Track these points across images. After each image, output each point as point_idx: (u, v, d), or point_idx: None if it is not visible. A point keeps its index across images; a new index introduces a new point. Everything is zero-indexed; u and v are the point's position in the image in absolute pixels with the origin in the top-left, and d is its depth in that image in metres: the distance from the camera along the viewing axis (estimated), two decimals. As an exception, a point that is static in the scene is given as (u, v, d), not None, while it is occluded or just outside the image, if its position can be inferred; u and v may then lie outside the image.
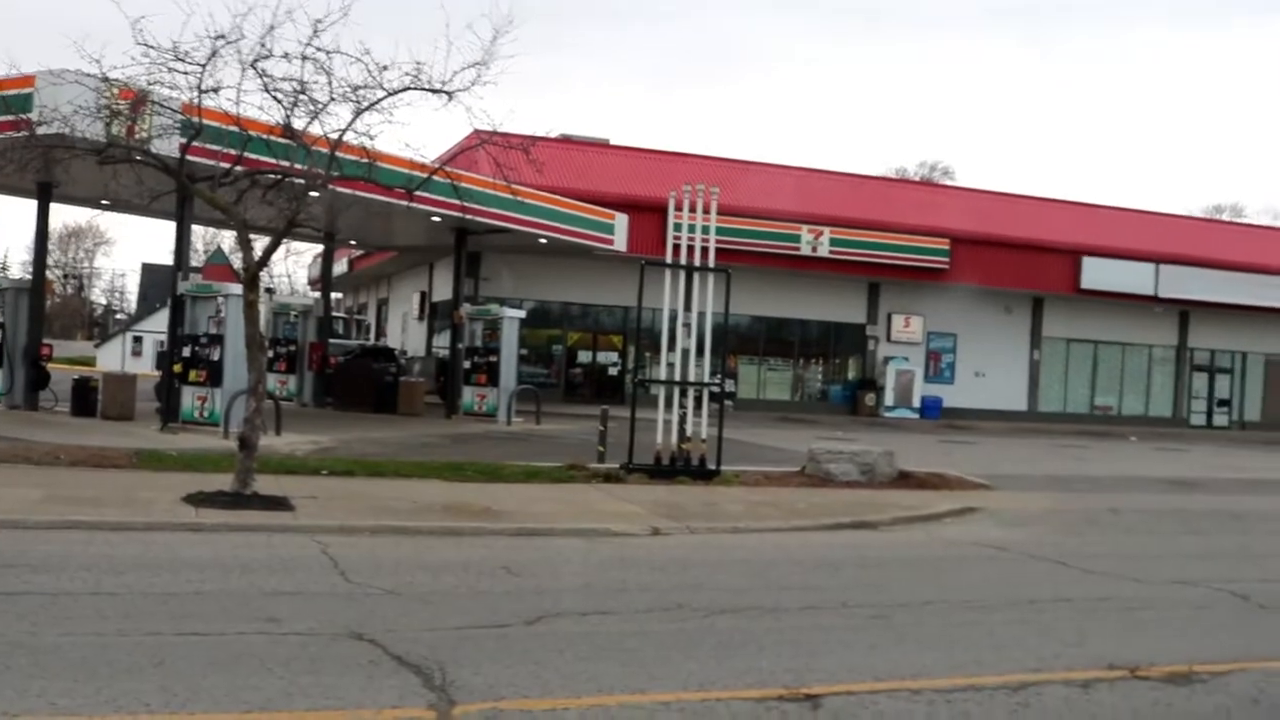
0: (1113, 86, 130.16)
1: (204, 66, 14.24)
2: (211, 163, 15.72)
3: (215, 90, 14.68)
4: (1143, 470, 26.96)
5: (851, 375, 45.90)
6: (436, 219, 28.26)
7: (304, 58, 14.13)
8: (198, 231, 50.99)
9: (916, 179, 73.08)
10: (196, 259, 41.11)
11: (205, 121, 14.83)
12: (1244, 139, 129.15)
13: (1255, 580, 12.27)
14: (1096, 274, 45.61)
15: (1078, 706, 7.01)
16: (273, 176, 15.43)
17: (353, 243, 42.90)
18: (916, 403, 44.46)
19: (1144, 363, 50.21)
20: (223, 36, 14.05)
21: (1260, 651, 8.78)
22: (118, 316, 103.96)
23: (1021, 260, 44.58)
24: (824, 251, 41.71)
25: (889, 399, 44.37)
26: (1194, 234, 51.57)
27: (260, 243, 17.24)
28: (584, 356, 42.94)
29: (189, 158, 15.44)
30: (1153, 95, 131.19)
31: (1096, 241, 46.19)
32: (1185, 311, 49.24)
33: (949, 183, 70.32)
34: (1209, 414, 51.22)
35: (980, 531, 15.47)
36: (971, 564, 13.04)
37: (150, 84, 15.07)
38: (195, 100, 14.60)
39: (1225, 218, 72.55)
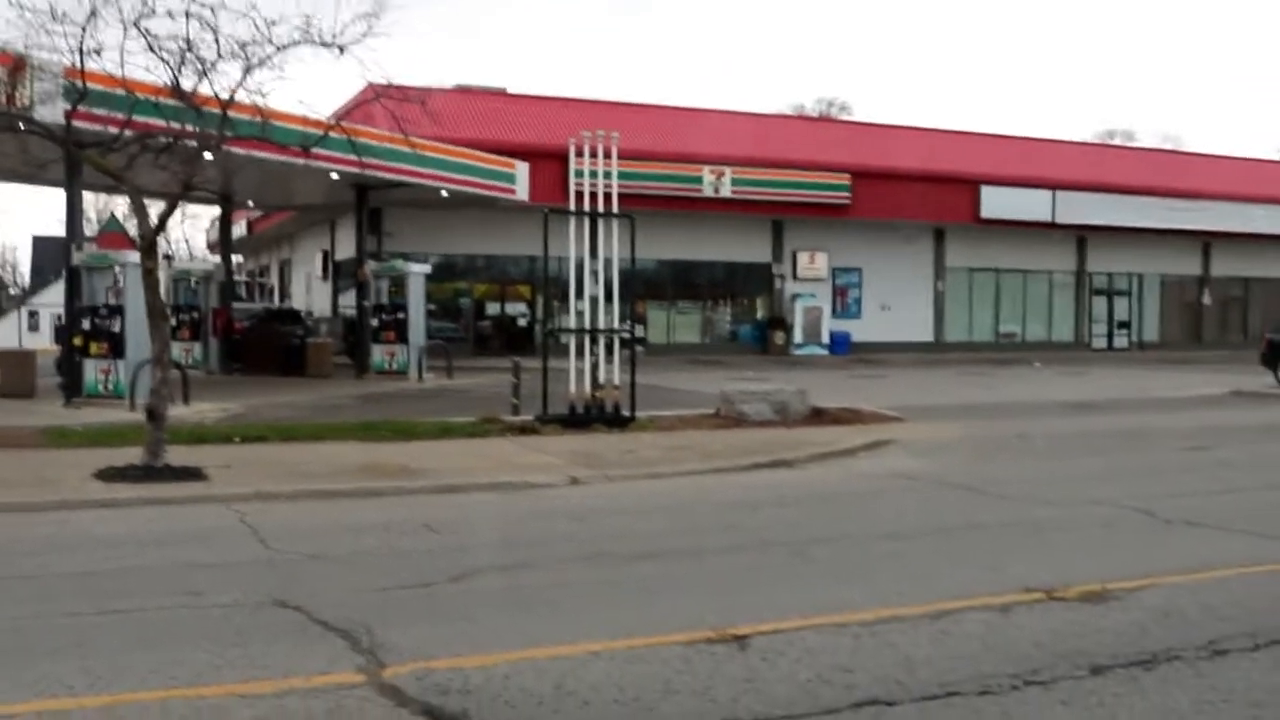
0: (1003, 14, 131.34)
1: (84, 27, 13.84)
2: (99, 128, 15.33)
3: (98, 52, 14.28)
4: (1048, 395, 27.49)
5: (760, 314, 46.21)
6: (335, 176, 27.86)
7: (188, 15, 13.76)
8: (89, 199, 49.87)
9: (815, 116, 73.31)
10: (89, 228, 40.19)
11: (89, 85, 14.44)
12: (1134, 64, 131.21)
13: (1159, 496, 12.57)
14: (995, 203, 46.27)
15: (998, 630, 7.15)
16: (164, 140, 15.07)
17: (251, 204, 42.21)
18: (825, 339, 44.88)
19: (1045, 289, 51.12)
20: (102, -6, 13.66)
21: (1168, 566, 9.01)
22: (10, 292, 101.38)
23: (922, 192, 45.05)
24: (726, 192, 41.82)
25: (798, 336, 44.75)
26: (1089, 159, 52.46)
27: (155, 208, 16.91)
28: (493, 309, 42.76)
29: (75, 123, 15.05)
30: (1043, 21, 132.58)
31: (994, 171, 46.85)
32: (1083, 236, 50.17)
33: (847, 118, 70.62)
34: (1109, 336, 52.33)
35: (894, 463, 15.70)
36: (888, 496, 13.23)
37: (28, 48, 14.63)
38: (77, 63, 14.21)
39: (1118, 142, 73.66)
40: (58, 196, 24.38)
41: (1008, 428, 19.91)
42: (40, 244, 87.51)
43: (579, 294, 19.18)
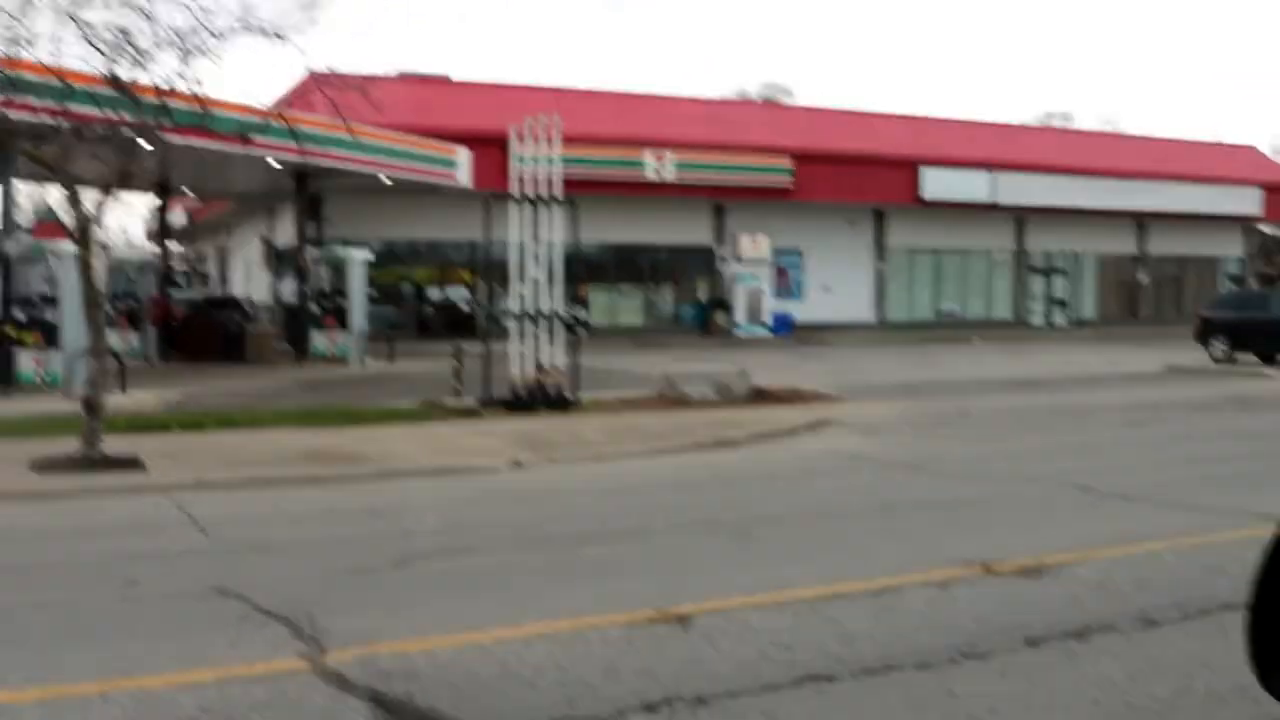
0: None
1: (16, 17, 13.64)
2: (33, 118, 15.09)
3: (31, 41, 14.08)
4: (988, 373, 27.77)
5: (702, 296, 46.28)
6: (275, 164, 27.60)
7: (124, 3, 13.61)
8: (23, 188, 49.07)
9: (757, 99, 73.42)
10: (24, 217, 39.58)
11: (22, 74, 14.22)
12: (1072, 47, 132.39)
13: (1096, 471, 12.76)
14: (935, 184, 46.60)
15: (937, 604, 7.25)
16: (100, 130, 14.88)
17: (189, 192, 41.73)
18: (767, 320, 45.05)
19: (984, 268, 51.57)
20: (36, -16, 13.47)
21: (1101, 539, 9.16)
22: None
23: (863, 174, 45.25)
24: (669, 175, 41.83)
25: (740, 318, 44.88)
26: (1028, 141, 52.96)
27: (91, 198, 16.69)
28: (435, 294, 42.60)
29: (8, 113, 14.82)
30: (983, 4, 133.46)
31: (934, 152, 47.16)
32: (1021, 216, 50.60)
33: (789, 102, 70.77)
34: (1048, 314, 52.86)
35: (836, 442, 15.82)
36: (829, 475, 13.33)
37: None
38: (9, 53, 13.98)
39: (1057, 124, 74.32)
40: (-10, 186, 23.98)
41: (948, 406, 20.10)
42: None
43: (521, 278, 19.15)
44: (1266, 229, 60.50)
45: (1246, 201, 54.20)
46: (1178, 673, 5.95)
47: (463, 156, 34.02)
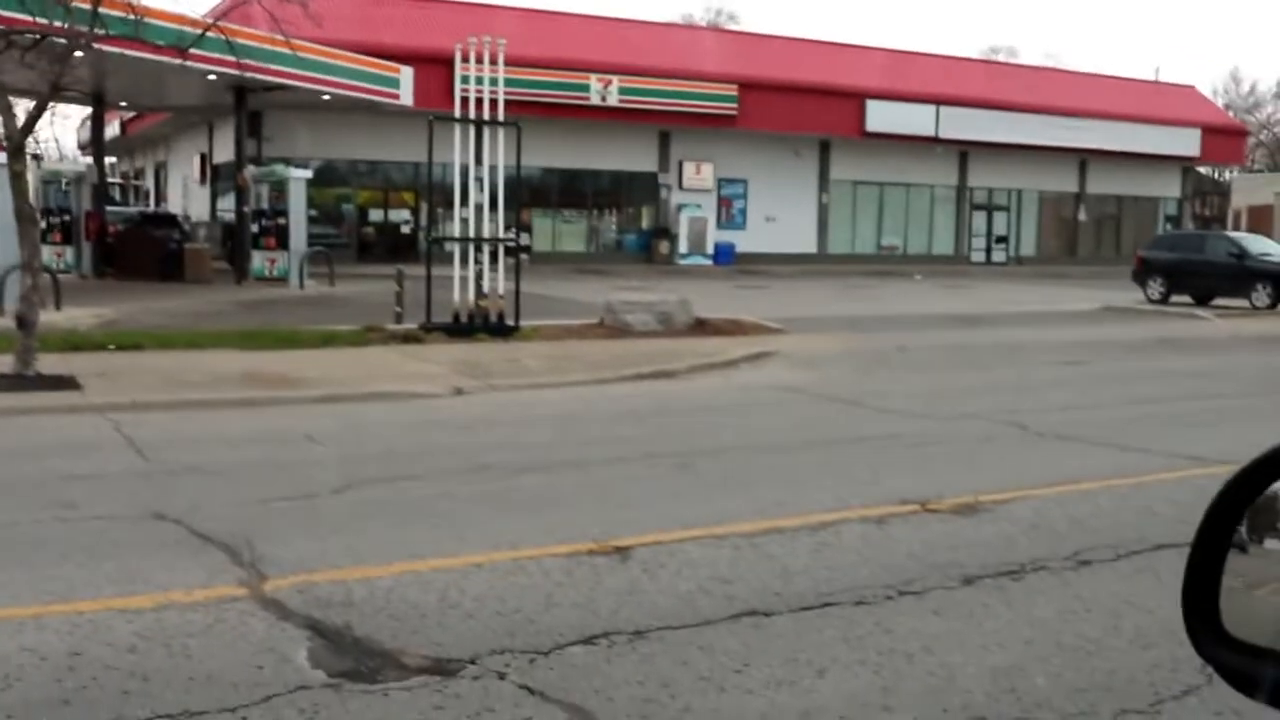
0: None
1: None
2: (-39, 23, 14.71)
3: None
4: (928, 308, 27.99)
5: (645, 224, 46.25)
6: (213, 78, 27.10)
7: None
8: (-48, 95, 47.90)
9: (704, 25, 72.88)
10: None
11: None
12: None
13: (1033, 410, 12.91)
14: (880, 117, 46.65)
15: (874, 542, 7.32)
16: (31, 36, 14.51)
17: (124, 105, 40.93)
18: (710, 249, 45.09)
19: (927, 203, 51.82)
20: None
21: (1037, 478, 9.27)
22: None
23: (808, 104, 45.18)
24: (614, 100, 41.57)
25: (683, 246, 44.88)
26: (972, 76, 53.00)
27: (22, 108, 16.31)
28: (376, 215, 42.21)
29: (-64, 18, 14.42)
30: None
31: (880, 85, 47.13)
32: (965, 152, 50.84)
33: (736, 28, 70.33)
34: (988, 251, 53.31)
35: (777, 375, 15.89)
36: (770, 408, 13.40)
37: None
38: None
39: (1001, 59, 74.47)
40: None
41: (888, 340, 20.23)
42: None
43: (464, 201, 18.99)
44: (1203, 170, 61.18)
45: (1185, 142, 54.76)
46: (1108, 612, 6.06)
47: (405, 75, 33.57)
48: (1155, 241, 35.87)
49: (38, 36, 14.41)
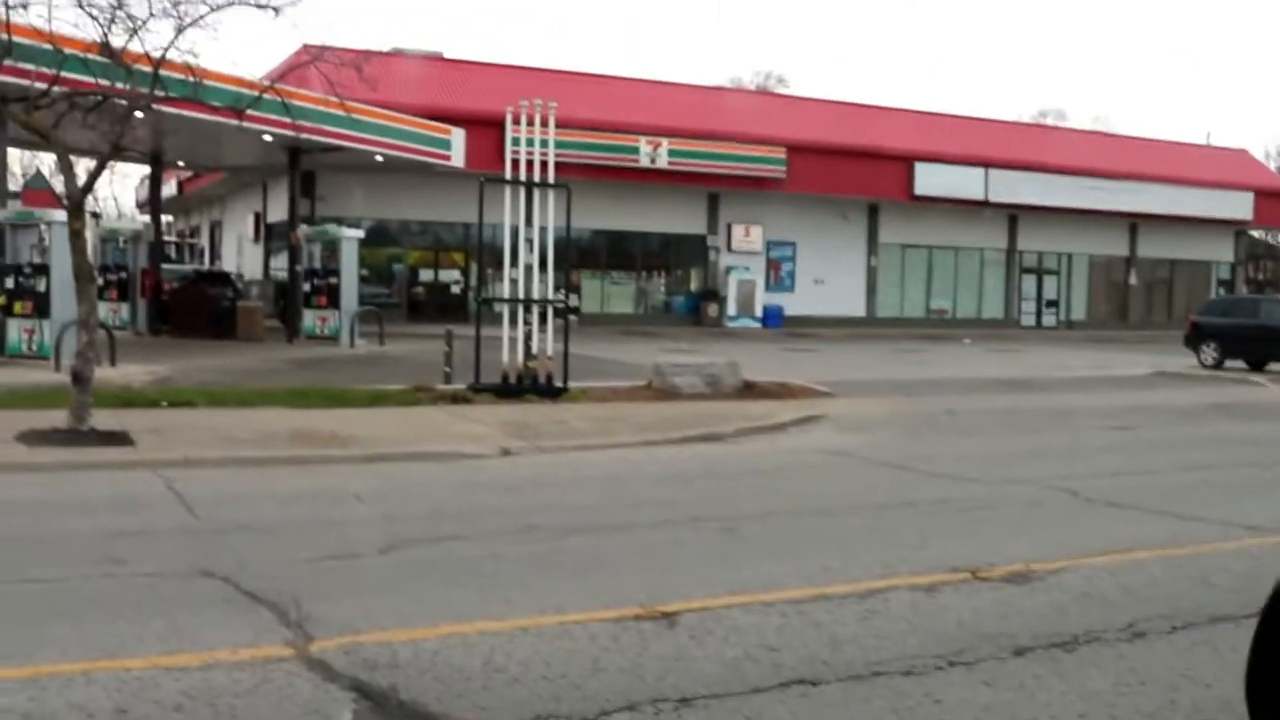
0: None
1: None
2: (26, 83, 15.01)
3: (24, 6, 14.02)
4: (977, 372, 27.80)
5: (694, 286, 46.34)
6: (268, 138, 27.53)
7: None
8: (14, 154, 48.73)
9: (753, 89, 73.36)
10: (14, 183, 39.32)
11: (15, 39, 14.14)
12: (1067, 45, 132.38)
13: (1083, 476, 12.77)
14: (929, 180, 46.63)
15: (923, 610, 7.23)
16: (93, 98, 14.80)
17: (182, 164, 41.59)
18: (759, 312, 45.08)
19: (976, 266, 51.64)
20: (31, -50, 13.40)
21: (1089, 546, 9.15)
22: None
23: (857, 167, 45.27)
24: (663, 163, 41.79)
25: (731, 309, 44.90)
26: (1021, 139, 52.98)
27: (83, 167, 16.60)
28: (426, 275, 42.54)
29: (0, 78, 14.74)
30: (979, 1, 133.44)
31: (929, 148, 47.16)
32: (1014, 215, 50.69)
33: (785, 92, 70.70)
34: (1038, 314, 53.01)
35: (824, 439, 15.81)
36: (817, 471, 13.33)
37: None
38: (3, 16, 13.90)
39: (1050, 122, 74.42)
40: (-19, 152, 23.87)
41: (937, 404, 20.11)
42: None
43: (514, 262, 19.11)
44: (1256, 234, 60.70)
45: (1238, 206, 54.37)
46: (1164, 686, 5.94)
47: (457, 137, 33.96)
48: (1208, 306, 35.54)
49: (100, 98, 14.69)
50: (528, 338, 18.89)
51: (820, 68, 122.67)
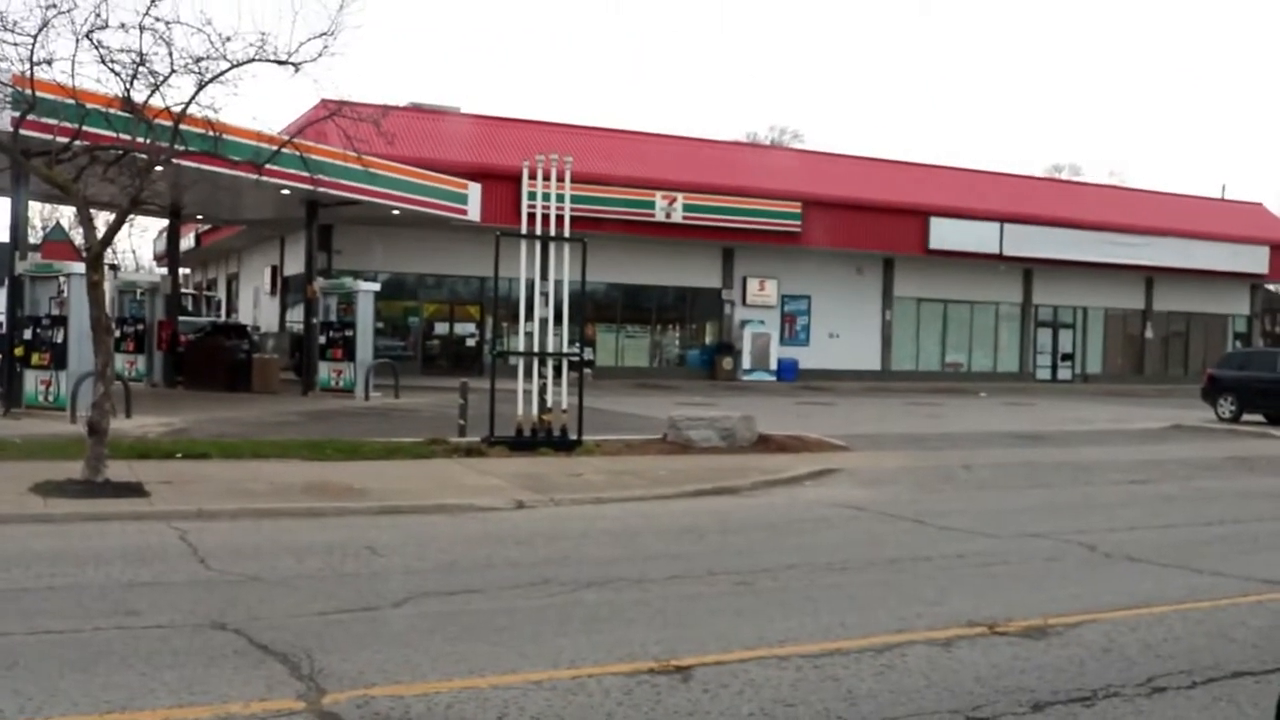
0: (955, 48, 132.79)
1: (35, 37, 13.72)
2: (48, 137, 15.14)
3: (48, 62, 14.16)
4: (993, 425, 27.71)
5: (709, 339, 46.34)
6: (286, 192, 27.71)
7: (142, 28, 13.70)
8: (34, 207, 49.19)
9: (767, 143, 73.72)
10: (34, 235, 39.65)
11: (39, 94, 14.29)
12: (1081, 100, 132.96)
13: (1101, 530, 12.71)
14: (944, 234, 46.69)
15: (940, 665, 7.17)
16: (114, 152, 14.93)
17: (200, 217, 41.86)
18: (773, 365, 45.05)
19: (991, 320, 51.59)
20: (54, 5, 13.57)
21: (1108, 601, 9.09)
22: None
23: (872, 222, 45.40)
24: (678, 217, 41.93)
25: (746, 362, 44.89)
26: (1036, 193, 53.04)
27: (102, 220, 16.72)
28: (441, 328, 42.63)
29: (23, 132, 14.87)
30: (993, 56, 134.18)
31: (943, 202, 47.27)
32: (1029, 269, 50.71)
33: (800, 146, 71.06)
34: (1053, 368, 52.88)
35: (840, 493, 15.75)
36: (832, 526, 13.26)
37: (-24, 56, 14.45)
38: (26, 72, 14.06)
39: (1065, 177, 74.61)
40: (2, 202, 24.09)
41: (953, 458, 20.04)
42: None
43: (528, 315, 19.16)
44: (1273, 287, 60.59)
45: (1254, 260, 54.31)
46: (1184, 743, 5.88)
47: (473, 191, 34.14)
48: (1225, 359, 35.40)
49: (121, 152, 14.82)
50: (542, 391, 18.90)
51: (835, 123, 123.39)
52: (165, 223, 41.02)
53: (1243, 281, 56.09)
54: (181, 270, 44.83)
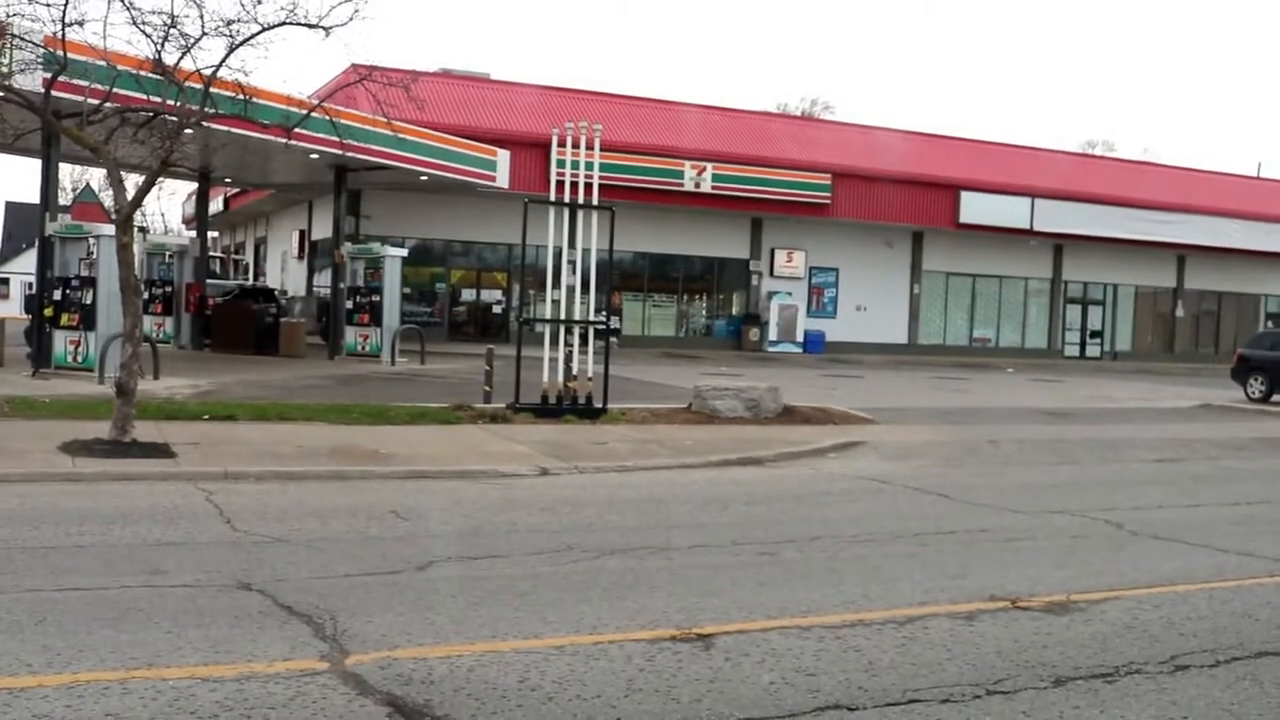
0: (990, 21, 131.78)
1: (66, -1, 13.75)
2: (79, 99, 15.19)
3: (80, 23, 14.21)
4: (1020, 401, 27.60)
5: (735, 310, 46.25)
6: (315, 156, 27.75)
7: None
8: (64, 169, 49.47)
9: (798, 114, 73.36)
10: (64, 196, 39.83)
11: (70, 56, 14.33)
12: (1116, 75, 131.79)
13: (1127, 508, 12.66)
14: (975, 208, 46.39)
15: (962, 638, 7.16)
16: (145, 114, 14.96)
17: (229, 180, 41.98)
18: (800, 337, 44.97)
19: (1020, 295, 51.32)
20: (87, -33, 13.61)
21: (1133, 579, 9.06)
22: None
23: (902, 195, 45.17)
24: (707, 187, 41.79)
25: (773, 334, 44.81)
26: (1068, 169, 52.61)
27: (132, 182, 16.77)
28: (468, 295, 42.66)
29: (54, 93, 14.92)
30: (1028, 30, 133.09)
31: (975, 176, 46.95)
32: (1059, 245, 50.36)
33: (830, 118, 70.66)
34: (1082, 345, 52.61)
35: (865, 465, 15.73)
36: (857, 498, 13.24)
37: (10, 16, 14.50)
38: (59, 33, 14.09)
39: (1098, 153, 74.02)
40: (33, 165, 24.19)
41: (979, 433, 19.97)
42: (13, 210, 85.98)
43: (555, 283, 19.15)
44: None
45: (1288, 239, 53.80)
46: (1206, 720, 5.86)
47: (502, 158, 34.11)
48: (1256, 339, 35.07)
49: (151, 114, 14.85)
50: (568, 358, 18.92)
51: (867, 95, 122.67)
52: (194, 186, 41.16)
53: (1276, 261, 55.53)
54: (210, 233, 44.95)
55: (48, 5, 13.87)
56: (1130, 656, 6.85)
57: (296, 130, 17.27)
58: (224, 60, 14.43)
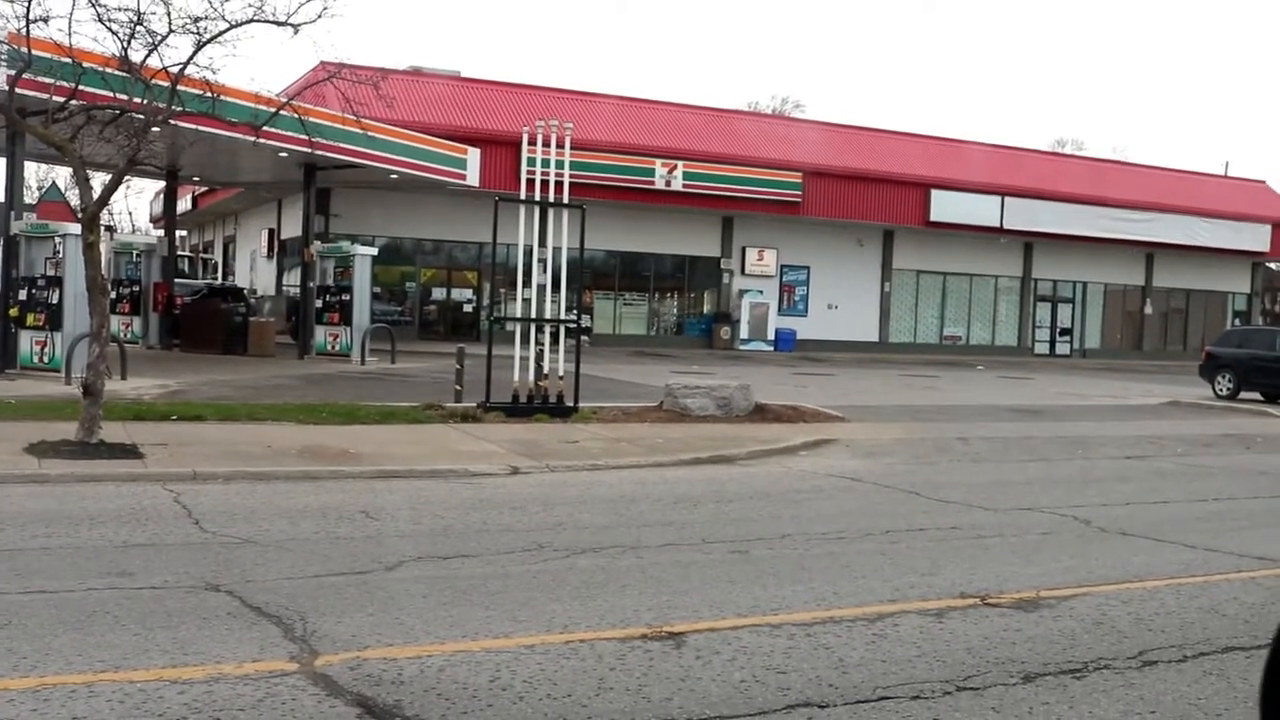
0: (960, 21, 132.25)
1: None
2: (44, 96, 15.08)
3: (45, 20, 14.09)
4: (990, 399, 27.72)
5: (707, 309, 46.32)
6: (284, 155, 27.63)
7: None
8: (30, 167, 49.05)
9: (769, 113, 73.46)
10: (30, 195, 39.52)
11: (35, 53, 14.22)
12: (1086, 74, 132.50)
13: (1096, 505, 12.72)
14: (945, 206, 46.61)
15: (932, 635, 7.18)
16: (111, 111, 14.86)
17: (197, 179, 41.76)
18: (771, 335, 45.07)
19: (990, 293, 51.58)
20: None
21: (1101, 575, 9.11)
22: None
23: (872, 193, 45.34)
24: (678, 185, 41.83)
25: (744, 332, 44.89)
26: (1038, 167, 52.89)
27: (99, 180, 16.66)
28: (439, 293, 42.60)
29: (19, 91, 14.80)
30: (998, 29, 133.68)
31: (945, 175, 47.16)
32: (1029, 243, 50.65)
33: (801, 116, 70.79)
34: (1052, 342, 52.92)
35: (836, 463, 15.75)
36: (827, 496, 13.26)
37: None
38: (23, 30, 13.98)
39: (1068, 151, 74.41)
40: (-1, 164, 23.98)
41: (949, 431, 20.05)
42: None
43: (526, 282, 19.12)
44: (1274, 265, 60.51)
45: (1256, 237, 54.30)
46: (1174, 714, 5.89)
47: (472, 156, 34.04)
48: (1224, 337, 35.36)
49: (117, 112, 14.75)
50: (539, 357, 18.90)
51: (837, 93, 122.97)
52: (162, 184, 40.92)
53: (1244, 259, 56.03)
54: (178, 232, 44.74)
55: (11, 2, 13.77)
56: (1099, 652, 6.88)
57: (265, 128, 17.19)
58: (191, 58, 14.35)
